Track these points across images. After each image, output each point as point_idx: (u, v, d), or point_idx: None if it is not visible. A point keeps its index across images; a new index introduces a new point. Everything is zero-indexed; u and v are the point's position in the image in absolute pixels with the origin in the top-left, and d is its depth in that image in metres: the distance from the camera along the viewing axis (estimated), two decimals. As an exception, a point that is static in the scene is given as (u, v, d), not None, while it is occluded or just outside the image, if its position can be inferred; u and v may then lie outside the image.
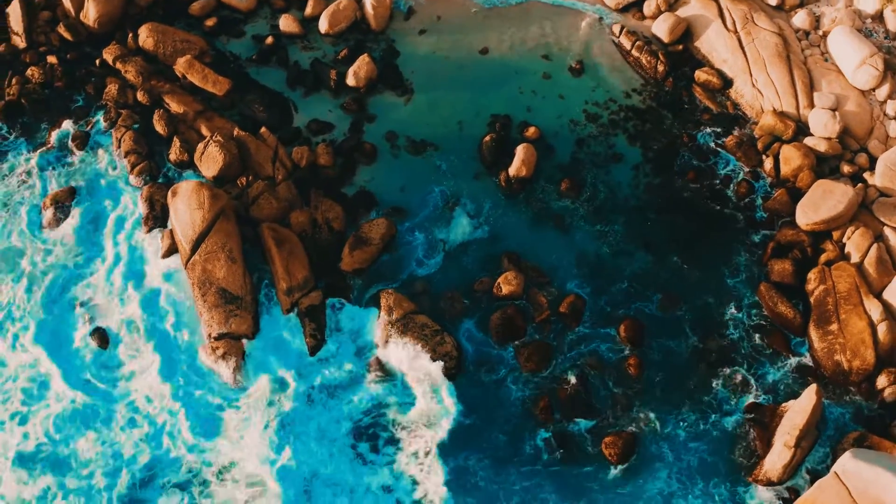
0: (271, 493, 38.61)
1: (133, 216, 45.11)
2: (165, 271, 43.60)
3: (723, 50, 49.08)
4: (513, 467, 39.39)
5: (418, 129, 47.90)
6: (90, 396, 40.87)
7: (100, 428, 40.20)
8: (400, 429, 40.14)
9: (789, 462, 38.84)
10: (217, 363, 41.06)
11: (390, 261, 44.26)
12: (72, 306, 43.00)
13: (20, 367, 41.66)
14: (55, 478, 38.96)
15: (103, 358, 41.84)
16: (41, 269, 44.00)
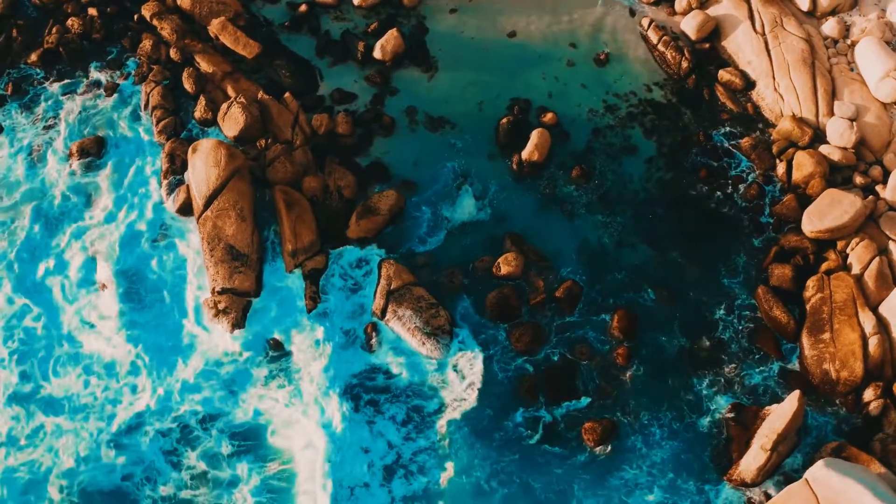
0: (254, 447, 39.93)
1: (154, 169, 46.08)
2: (179, 224, 44.76)
3: (749, 51, 48.60)
4: (491, 441, 39.77)
5: (438, 106, 48.19)
6: (92, 341, 42.04)
7: (99, 373, 41.43)
8: (385, 393, 40.79)
9: (764, 465, 38.85)
10: (218, 317, 42.04)
11: (396, 232, 44.82)
12: (84, 251, 44.27)
13: (26, 307, 42.96)
14: (48, 417, 40.37)
15: (110, 305, 42.91)
16: (60, 212, 45.28)
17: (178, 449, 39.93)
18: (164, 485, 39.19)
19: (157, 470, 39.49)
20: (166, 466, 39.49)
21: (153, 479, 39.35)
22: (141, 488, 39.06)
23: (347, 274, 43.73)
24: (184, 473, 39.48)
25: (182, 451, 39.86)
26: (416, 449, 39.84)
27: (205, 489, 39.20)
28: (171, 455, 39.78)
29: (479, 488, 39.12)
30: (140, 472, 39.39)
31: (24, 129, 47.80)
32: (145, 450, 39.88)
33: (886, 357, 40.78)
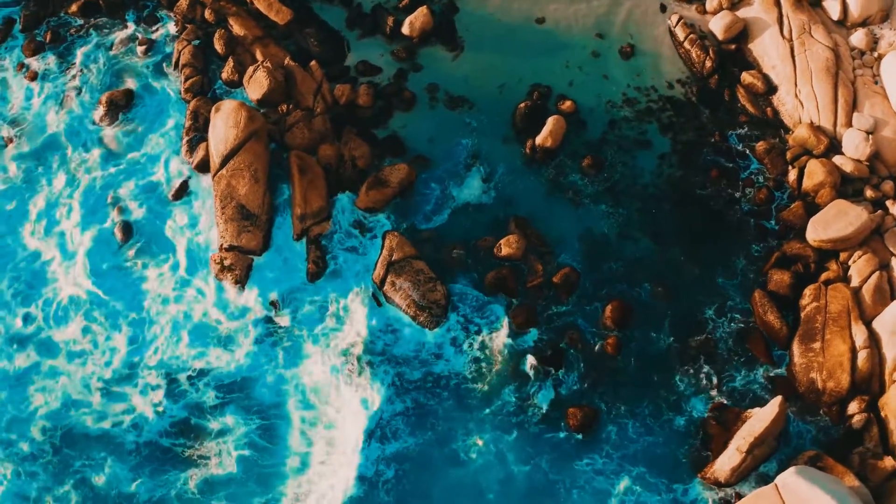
0: (243, 400, 40.94)
1: (178, 124, 47.04)
2: (195, 181, 45.62)
3: (774, 56, 47.86)
4: (472, 413, 40.44)
5: (460, 85, 48.28)
6: (98, 290, 43.22)
7: (101, 321, 42.59)
8: (378, 357, 41.55)
9: (738, 466, 38.73)
10: (222, 273, 43.01)
11: (403, 205, 45.22)
12: (104, 201, 45.47)
13: (37, 252, 44.30)
14: (43, 358, 41.70)
15: (122, 253, 44.14)
16: (83, 159, 46.47)
17: (167, 400, 40.88)
18: (150, 433, 40.20)
19: (145, 419, 40.55)
20: (154, 416, 40.56)
21: (140, 428, 40.43)
22: (126, 435, 40.13)
23: (351, 241, 44.30)
24: (171, 424, 40.50)
25: (172, 402, 40.83)
26: (394, 412, 40.47)
27: (191, 439, 40.14)
28: (160, 405, 40.74)
29: (454, 456, 39.68)
30: (128, 421, 40.46)
31: (58, 76, 49.01)
32: (135, 399, 40.94)
33: (874, 372, 40.25)
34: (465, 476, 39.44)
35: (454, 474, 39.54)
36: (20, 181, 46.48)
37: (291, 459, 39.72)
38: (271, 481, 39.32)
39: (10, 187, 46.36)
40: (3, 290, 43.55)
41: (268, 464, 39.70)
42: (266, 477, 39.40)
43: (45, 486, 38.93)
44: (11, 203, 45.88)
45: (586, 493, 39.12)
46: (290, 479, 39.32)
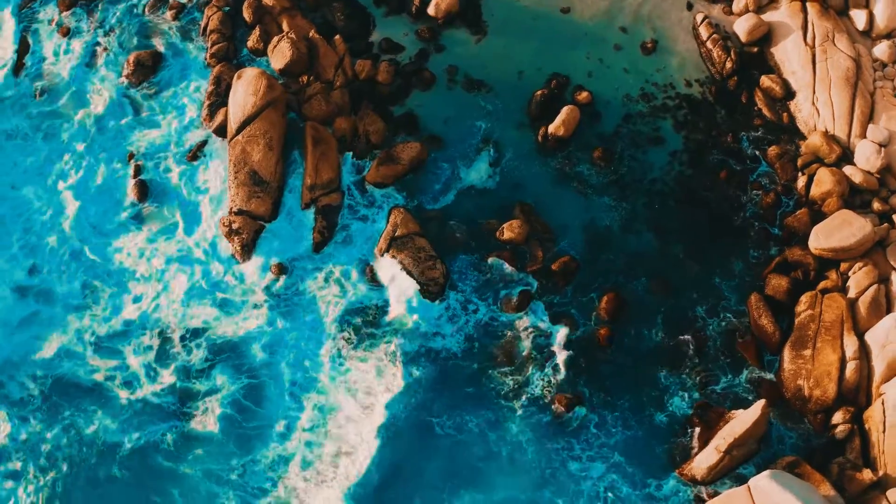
0: (231, 361, 41.76)
1: (201, 88, 47.74)
2: (213, 144, 46.25)
3: (795, 61, 47.17)
4: (458, 390, 40.98)
5: (479, 69, 48.29)
6: (107, 245, 44.29)
7: (104, 277, 43.64)
8: (373, 328, 42.16)
9: (715, 465, 38.71)
10: (229, 236, 43.68)
11: (413, 183, 45.59)
12: (123, 159, 46.36)
13: (52, 204, 45.31)
14: (43, 307, 42.74)
15: (134, 210, 45.06)
16: (107, 118, 47.37)
17: (160, 358, 41.82)
18: (140, 390, 41.15)
19: (136, 376, 41.48)
20: (146, 374, 41.47)
21: (131, 384, 41.39)
22: (117, 390, 41.10)
23: (358, 215, 44.72)
24: (161, 381, 41.43)
25: (164, 361, 41.78)
26: (385, 385, 41.14)
27: (180, 397, 41.05)
28: (153, 363, 41.69)
29: (436, 428, 40.37)
30: (120, 376, 41.47)
31: (88, 34, 49.82)
32: (129, 356, 41.91)
33: (862, 384, 39.93)
34: (444, 448, 39.99)
35: (434, 444, 40.08)
36: (42, 135, 47.43)
37: (278, 424, 40.41)
38: (253, 443, 40.05)
39: (32, 140, 47.36)
40: (13, 241, 44.54)
41: (252, 426, 40.44)
42: (247, 439, 40.15)
43: (35, 431, 40.14)
44: (32, 156, 46.91)
45: (561, 476, 39.44)
46: (272, 444, 40.01)
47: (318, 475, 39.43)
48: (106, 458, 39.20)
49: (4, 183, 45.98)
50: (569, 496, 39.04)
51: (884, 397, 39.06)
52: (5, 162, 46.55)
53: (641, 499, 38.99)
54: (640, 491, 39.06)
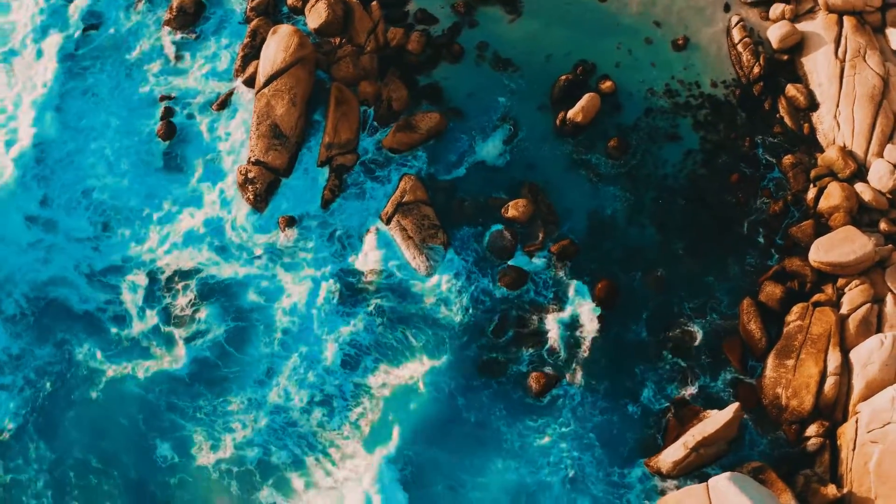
0: (223, 303, 42.79)
1: (238, 40, 48.43)
2: (241, 95, 47.04)
3: (823, 74, 46.15)
4: (442, 357, 41.27)
5: (509, 47, 48.16)
6: (117, 183, 45.21)
7: (113, 214, 44.52)
8: (369, 288, 42.76)
9: (681, 460, 38.58)
10: (244, 186, 44.48)
11: (428, 152, 45.74)
12: (153, 100, 47.25)
13: (72, 139, 46.24)
14: (47, 235, 43.73)
15: (157, 152, 45.99)
16: (142, 59, 48.40)
17: (153, 298, 42.71)
18: (130, 328, 42.14)
19: (127, 312, 42.45)
20: (138, 311, 42.44)
21: (123, 319, 42.35)
22: (109, 324, 42.19)
23: (370, 177, 45.23)
24: (150, 319, 42.35)
25: (158, 301, 42.69)
26: (370, 342, 41.75)
27: (168, 334, 42.20)
28: (146, 301, 42.60)
29: (409, 390, 40.76)
30: (112, 310, 42.52)
31: (130, -22, 51.25)
32: (123, 291, 42.91)
33: (840, 400, 39.35)
34: (417, 408, 40.49)
35: (412, 411, 40.52)
36: (79, 73, 48.39)
37: (259, 369, 41.32)
38: (228, 385, 41.06)
39: (70, 79, 48.19)
40: (27, 171, 45.47)
41: (230, 371, 41.42)
42: (219, 382, 41.19)
43: (26, 347, 41.52)
44: (66, 92, 47.83)
45: (529, 450, 39.69)
46: (250, 388, 40.90)
47: (288, 422, 40.27)
48: (87, 381, 40.44)
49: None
50: (533, 468, 39.30)
51: (859, 416, 38.53)
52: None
53: (604, 482, 39.00)
54: (605, 475, 39.08)
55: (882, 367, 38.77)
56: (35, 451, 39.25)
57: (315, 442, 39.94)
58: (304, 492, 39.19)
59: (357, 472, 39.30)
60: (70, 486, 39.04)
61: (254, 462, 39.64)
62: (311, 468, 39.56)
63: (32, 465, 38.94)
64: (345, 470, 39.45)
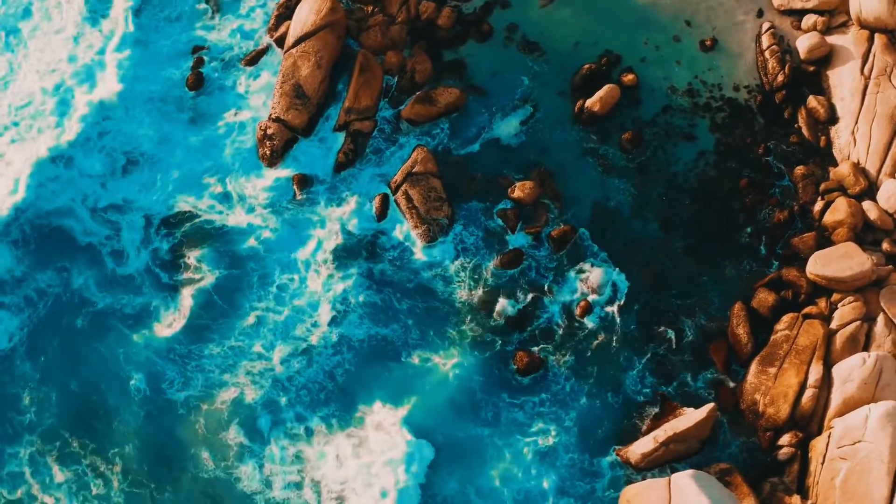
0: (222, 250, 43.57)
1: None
2: (271, 54, 47.65)
3: (846, 88, 45.14)
4: (429, 326, 41.86)
5: (538, 31, 47.84)
6: (140, 127, 45.97)
7: (127, 153, 45.33)
8: (368, 252, 43.31)
9: (649, 453, 38.65)
10: (262, 140, 45.08)
11: (445, 126, 45.83)
12: (186, 50, 47.96)
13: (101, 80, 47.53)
14: (63, 171, 44.60)
15: (185, 97, 46.83)
16: (179, 12, 49.00)
17: (153, 239, 43.58)
18: (126, 265, 43.05)
19: (125, 249, 43.33)
20: (136, 250, 43.34)
21: (120, 255, 43.29)
22: (107, 258, 43.11)
23: (385, 145, 45.52)
24: (145, 260, 43.25)
25: (156, 241, 43.56)
26: (362, 303, 42.22)
27: (161, 277, 43.08)
28: (145, 243, 43.50)
29: (398, 355, 41.34)
30: (111, 246, 43.37)
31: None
32: (123, 228, 43.82)
33: (817, 413, 38.85)
34: (401, 375, 41.03)
35: (388, 363, 41.28)
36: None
37: (248, 317, 42.05)
38: (205, 336, 41.91)
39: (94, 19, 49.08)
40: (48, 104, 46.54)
41: (218, 315, 42.24)
42: (204, 326, 41.99)
43: (28, 270, 42.82)
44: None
45: (505, 423, 40.01)
46: (234, 335, 41.77)
47: (267, 369, 41.07)
48: (78, 309, 41.70)
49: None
50: (508, 439, 39.72)
51: (832, 431, 38.08)
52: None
53: (575, 467, 39.17)
54: (573, 456, 39.28)
55: (861, 385, 38.25)
56: (21, 370, 40.70)
57: (289, 386, 40.77)
58: (271, 431, 40.02)
59: (329, 418, 40.19)
60: (50, 406, 40.43)
61: (225, 402, 40.57)
62: (283, 412, 40.38)
63: (18, 382, 40.41)
64: (316, 418, 40.21)
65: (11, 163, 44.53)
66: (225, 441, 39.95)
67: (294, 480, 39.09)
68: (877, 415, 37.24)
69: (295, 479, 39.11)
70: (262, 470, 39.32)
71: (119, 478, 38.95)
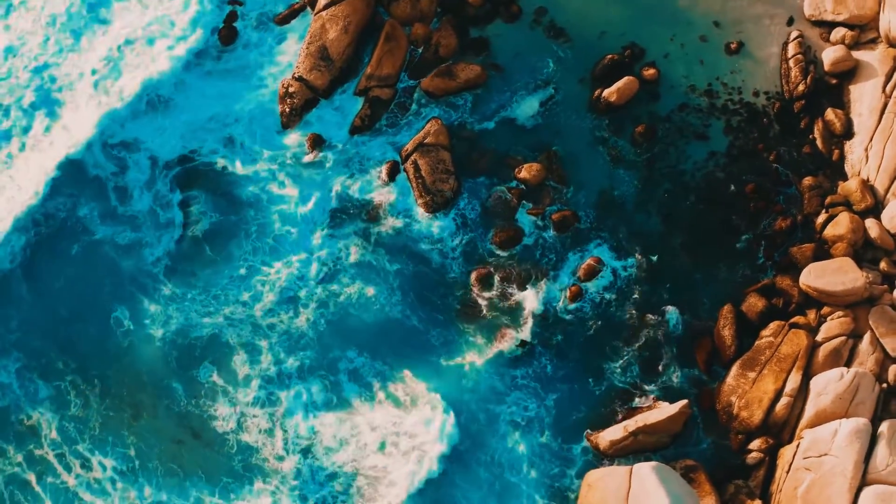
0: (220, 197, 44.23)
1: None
2: (303, 17, 47.84)
3: (865, 105, 44.10)
4: (422, 293, 42.05)
5: (566, 17, 47.39)
6: (169, 74, 46.48)
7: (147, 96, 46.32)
8: (367, 213, 43.60)
9: (618, 441, 38.56)
10: (283, 97, 45.42)
11: (462, 101, 45.74)
12: (223, 4, 48.68)
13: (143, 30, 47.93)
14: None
15: (215, 48, 47.45)
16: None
17: (159, 180, 44.28)
18: (130, 202, 43.79)
19: (128, 187, 44.15)
20: (138, 189, 44.05)
21: (125, 191, 44.05)
22: (111, 193, 43.97)
23: (400, 113, 45.64)
24: (147, 199, 43.96)
25: (159, 180, 44.34)
26: (358, 261, 42.68)
27: (165, 214, 43.81)
28: (149, 184, 44.19)
29: (381, 311, 41.68)
30: (116, 182, 44.19)
31: None
32: (130, 167, 44.50)
33: (790, 422, 38.43)
34: (382, 332, 41.39)
35: (374, 324, 41.64)
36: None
37: (241, 268, 42.63)
38: (193, 278, 42.55)
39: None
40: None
41: (210, 260, 42.94)
42: (194, 270, 42.63)
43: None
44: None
45: (482, 387, 40.36)
46: (225, 280, 42.36)
47: (248, 315, 41.70)
48: (77, 237, 42.66)
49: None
50: (483, 403, 40.07)
51: (801, 441, 37.65)
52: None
53: (546, 448, 39.27)
54: (544, 437, 39.32)
55: (835, 399, 37.66)
56: (18, 290, 41.85)
57: (269, 333, 41.40)
58: (243, 369, 40.76)
59: (304, 362, 40.82)
60: (39, 326, 41.51)
61: (200, 338, 41.31)
62: (261, 353, 41.04)
63: (14, 301, 41.59)
64: (295, 361, 40.82)
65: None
66: (198, 379, 40.69)
67: (265, 427, 39.69)
68: (846, 430, 36.80)
69: (266, 426, 39.72)
70: (235, 410, 39.98)
71: (97, 400, 39.99)
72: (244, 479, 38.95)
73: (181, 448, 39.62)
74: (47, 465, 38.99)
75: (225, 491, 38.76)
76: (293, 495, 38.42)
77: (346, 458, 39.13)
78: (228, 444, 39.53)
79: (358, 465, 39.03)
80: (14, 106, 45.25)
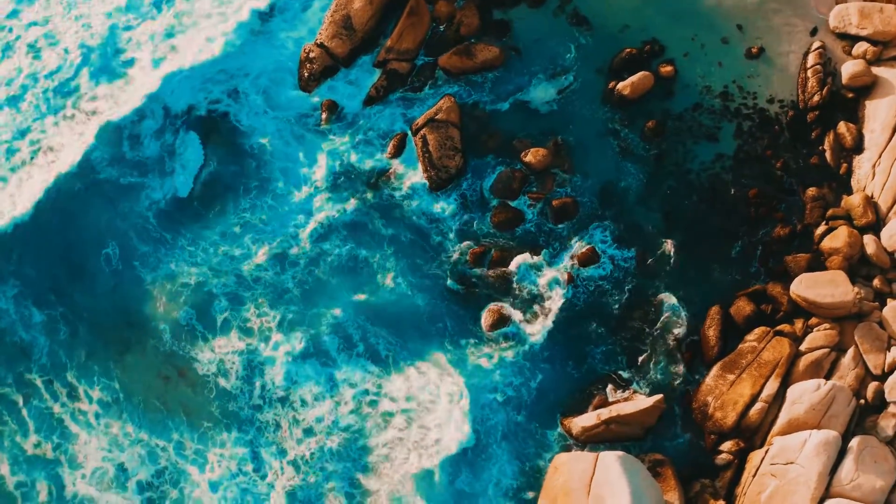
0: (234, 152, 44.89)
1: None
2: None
3: (879, 121, 43.14)
4: (417, 269, 42.26)
5: (590, 8, 46.99)
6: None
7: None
8: (369, 180, 43.95)
9: (590, 428, 38.60)
10: (304, 62, 45.86)
11: (478, 82, 45.68)
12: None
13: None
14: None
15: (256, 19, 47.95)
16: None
17: (171, 129, 45.03)
18: (140, 147, 44.61)
19: (139, 134, 44.86)
20: (152, 136, 44.89)
21: (137, 138, 44.76)
22: (125, 141, 44.71)
23: (416, 89, 45.67)
24: (156, 147, 44.79)
25: (175, 132, 45.00)
26: (354, 221, 43.05)
27: (169, 161, 44.58)
28: (159, 133, 44.96)
29: (370, 273, 42.11)
30: (130, 130, 44.97)
31: None
32: (148, 116, 45.34)
33: (763, 428, 38.02)
34: (369, 292, 41.82)
35: (363, 284, 42.05)
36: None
37: (236, 226, 43.24)
38: (192, 226, 43.20)
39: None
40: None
41: (205, 213, 43.60)
42: (189, 219, 43.24)
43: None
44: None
45: (466, 364, 40.47)
46: (220, 228, 43.15)
47: (234, 268, 42.38)
48: (83, 176, 43.64)
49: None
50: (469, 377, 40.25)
51: (770, 447, 37.31)
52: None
53: (523, 429, 39.47)
54: (521, 417, 39.51)
55: (809, 409, 37.16)
56: (18, 223, 42.97)
57: (254, 286, 42.00)
58: (221, 320, 41.36)
59: (292, 320, 41.37)
60: (32, 257, 42.69)
61: (186, 285, 42.11)
62: (245, 306, 41.63)
63: (13, 233, 42.72)
64: (274, 316, 41.38)
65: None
66: (181, 322, 41.46)
67: (244, 374, 40.38)
68: (815, 441, 36.37)
69: (245, 373, 40.41)
70: (215, 354, 40.79)
71: (86, 332, 41.09)
72: (222, 425, 39.66)
73: (166, 385, 40.47)
74: (35, 388, 40.25)
75: (204, 437, 39.47)
76: (270, 451, 38.99)
77: (323, 411, 39.65)
78: (208, 388, 40.31)
79: (334, 421, 39.53)
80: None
